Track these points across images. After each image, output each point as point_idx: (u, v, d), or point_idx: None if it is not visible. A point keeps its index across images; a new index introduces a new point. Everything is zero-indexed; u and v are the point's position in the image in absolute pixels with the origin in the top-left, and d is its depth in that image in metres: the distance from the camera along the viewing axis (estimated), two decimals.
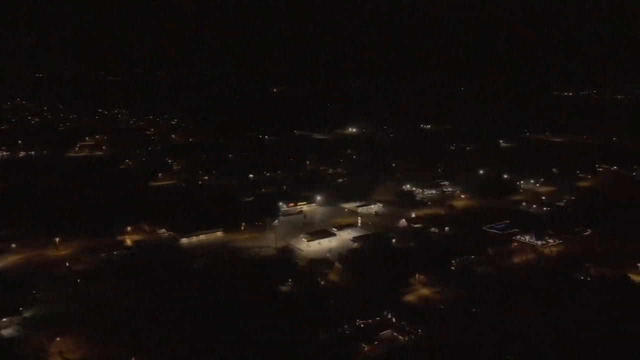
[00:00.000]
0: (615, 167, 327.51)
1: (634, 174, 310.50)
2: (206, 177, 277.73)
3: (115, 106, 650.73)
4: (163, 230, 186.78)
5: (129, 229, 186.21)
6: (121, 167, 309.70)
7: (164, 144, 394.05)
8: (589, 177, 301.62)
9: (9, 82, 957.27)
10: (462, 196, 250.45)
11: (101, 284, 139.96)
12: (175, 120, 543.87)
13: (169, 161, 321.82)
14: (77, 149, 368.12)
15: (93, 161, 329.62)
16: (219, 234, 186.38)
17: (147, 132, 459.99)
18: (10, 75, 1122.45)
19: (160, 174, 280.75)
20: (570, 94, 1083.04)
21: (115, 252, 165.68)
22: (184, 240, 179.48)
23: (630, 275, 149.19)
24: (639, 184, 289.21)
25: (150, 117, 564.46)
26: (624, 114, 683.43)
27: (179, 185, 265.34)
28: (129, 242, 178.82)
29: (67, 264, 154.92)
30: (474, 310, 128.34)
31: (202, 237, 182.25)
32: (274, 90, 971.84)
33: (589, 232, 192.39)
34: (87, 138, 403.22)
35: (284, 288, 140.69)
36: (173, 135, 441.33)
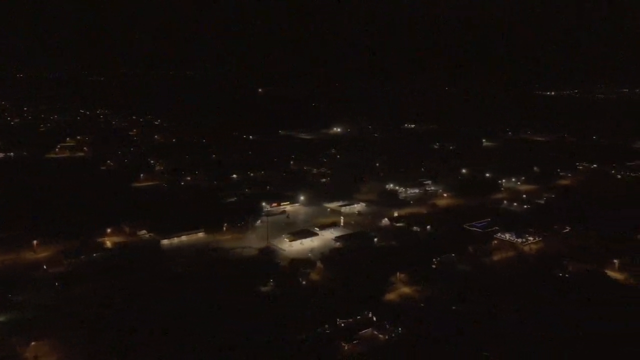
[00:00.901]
0: (595, 165, 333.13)
1: (612, 171, 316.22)
2: (189, 178, 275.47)
3: (98, 106, 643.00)
4: (144, 232, 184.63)
5: (109, 230, 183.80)
6: (102, 168, 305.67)
7: (147, 145, 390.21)
8: (569, 175, 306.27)
9: None
10: (445, 195, 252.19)
11: (80, 287, 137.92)
12: (159, 120, 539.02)
13: (151, 162, 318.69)
14: (57, 149, 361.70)
15: (74, 162, 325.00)
16: (201, 234, 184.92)
17: (129, 133, 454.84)
18: None
19: (142, 175, 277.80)
20: (552, 93, 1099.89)
21: (94, 254, 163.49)
22: (165, 242, 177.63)
23: (607, 271, 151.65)
24: (618, 181, 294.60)
25: (133, 117, 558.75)
26: (605, 113, 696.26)
27: (161, 186, 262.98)
28: (109, 243, 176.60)
29: (45, 267, 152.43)
30: (453, 308, 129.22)
31: (183, 238, 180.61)
32: (259, 90, 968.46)
33: (568, 229, 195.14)
34: (67, 139, 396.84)
35: (265, 288, 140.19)
36: (156, 136, 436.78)
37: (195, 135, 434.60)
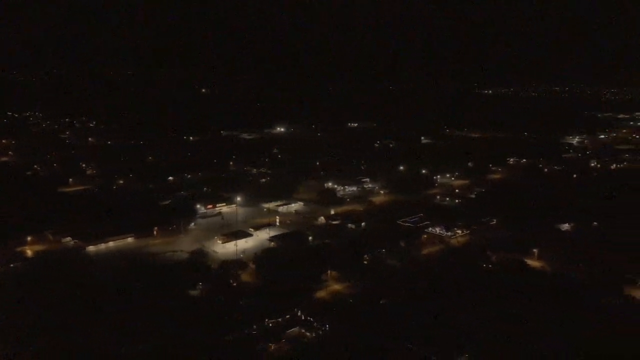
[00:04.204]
0: (524, 160, 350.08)
1: (540, 165, 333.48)
2: (121, 181, 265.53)
3: (27, 108, 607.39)
4: (68, 239, 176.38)
5: (29, 238, 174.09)
6: (28, 173, 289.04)
7: (79, 148, 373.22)
8: (500, 169, 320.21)
9: None
10: (382, 192, 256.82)
11: None
12: (94, 122, 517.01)
13: (83, 165, 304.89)
14: None
15: None
16: (130, 239, 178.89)
17: (61, 136, 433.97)
18: None
19: (71, 180, 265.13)
20: (490, 91, 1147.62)
21: (11, 265, 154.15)
22: (91, 248, 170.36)
23: (527, 260, 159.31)
24: (545, 175, 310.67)
25: (67, 119, 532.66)
26: (536, 110, 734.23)
27: (92, 191, 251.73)
28: (29, 252, 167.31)
29: None
30: (382, 302, 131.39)
31: (110, 243, 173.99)
32: (203, 90, 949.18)
33: (495, 222, 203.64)
34: None
35: (194, 292, 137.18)
36: (90, 138, 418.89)
37: (131, 137, 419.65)
